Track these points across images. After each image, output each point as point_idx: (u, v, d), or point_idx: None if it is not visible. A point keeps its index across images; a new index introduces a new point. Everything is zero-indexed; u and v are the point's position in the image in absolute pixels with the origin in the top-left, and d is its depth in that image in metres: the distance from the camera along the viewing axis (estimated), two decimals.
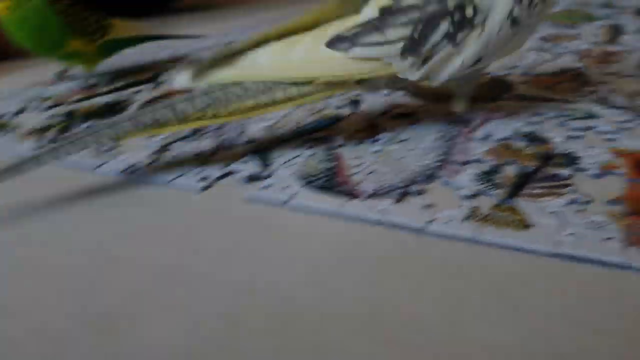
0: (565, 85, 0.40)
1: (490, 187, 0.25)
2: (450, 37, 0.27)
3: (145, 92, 0.47)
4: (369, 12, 0.28)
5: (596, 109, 0.34)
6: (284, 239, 0.23)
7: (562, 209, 0.23)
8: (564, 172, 0.26)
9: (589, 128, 0.32)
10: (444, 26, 0.27)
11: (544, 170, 0.26)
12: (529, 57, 0.49)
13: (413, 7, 0.27)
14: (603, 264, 0.20)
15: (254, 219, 0.25)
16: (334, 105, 0.38)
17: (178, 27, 0.80)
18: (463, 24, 0.27)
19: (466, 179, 0.26)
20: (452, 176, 0.26)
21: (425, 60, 0.27)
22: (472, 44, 0.27)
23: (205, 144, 0.34)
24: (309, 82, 0.28)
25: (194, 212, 0.26)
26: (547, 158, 0.28)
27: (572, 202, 0.24)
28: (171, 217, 0.26)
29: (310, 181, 0.27)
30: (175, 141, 0.34)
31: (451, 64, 0.28)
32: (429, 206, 0.24)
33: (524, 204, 0.24)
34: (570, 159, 0.27)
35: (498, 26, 0.27)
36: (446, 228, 0.22)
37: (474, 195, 0.25)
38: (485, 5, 0.27)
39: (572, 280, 0.19)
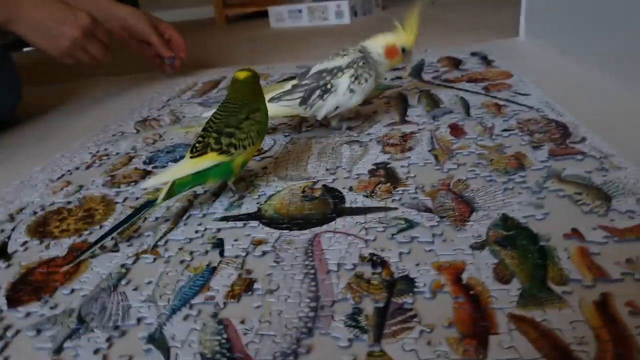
0: (382, 188, 0.49)
1: (359, 332, 0.31)
2: (320, 96, 0.60)
3: None
4: (287, 86, 0.61)
5: (412, 215, 0.43)
6: None
7: (415, 346, 0.30)
8: (408, 300, 0.33)
9: (413, 239, 0.40)
10: (318, 92, 0.60)
11: (392, 301, 0.33)
12: (343, 154, 0.57)
13: (304, 85, 0.60)
14: None
15: None
16: (201, 251, 0.41)
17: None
18: (326, 91, 0.60)
19: (339, 325, 0.32)
20: (327, 326, 0.32)
21: (310, 107, 0.60)
22: (331, 100, 0.60)
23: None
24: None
25: None
26: (392, 286, 0.35)
27: (421, 333, 0.31)
28: None
29: None
30: None
31: (323, 108, 0.61)
32: None
33: (389, 347, 0.30)
34: (408, 283, 0.35)
35: (342, 93, 0.60)
36: None
37: (349, 344, 0.30)
38: (336, 84, 0.60)
39: None
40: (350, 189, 0.49)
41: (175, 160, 0.60)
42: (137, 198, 0.52)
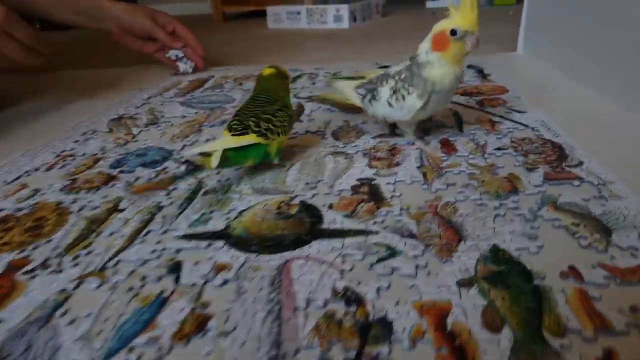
0: (365, 207, 0.44)
1: None
2: (369, 101, 0.56)
3: None
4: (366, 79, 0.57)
5: (395, 240, 0.38)
6: None
7: None
8: (383, 349, 0.29)
9: (394, 270, 0.35)
10: (369, 96, 0.56)
11: (365, 351, 0.29)
12: (327, 167, 0.52)
13: (370, 83, 0.56)
14: None
15: None
16: (154, 277, 0.36)
17: None
18: (373, 97, 0.56)
19: None
20: None
21: (367, 108, 0.58)
22: (377, 108, 0.56)
23: None
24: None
25: None
26: (366, 330, 0.30)
27: None
28: None
29: None
30: None
31: (375, 114, 0.57)
32: None
33: None
34: (385, 328, 0.30)
35: (382, 104, 0.55)
36: None
37: None
38: (380, 93, 0.55)
39: None
40: (330, 206, 0.44)
41: (145, 165, 0.56)
42: (94, 207, 0.47)
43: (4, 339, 0.31)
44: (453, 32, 0.47)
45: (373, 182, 0.48)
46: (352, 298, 0.33)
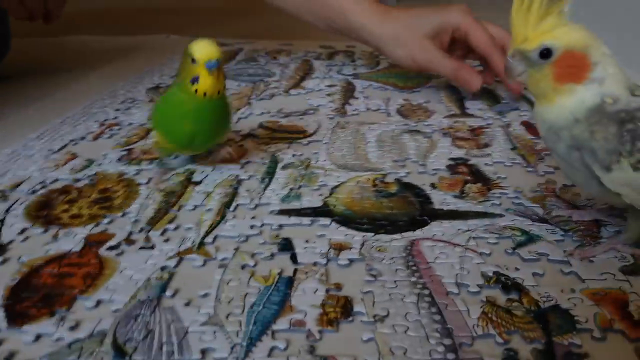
0: (473, 188, 0.40)
1: None
2: None
3: None
4: None
5: (526, 224, 0.35)
6: None
7: None
8: (575, 341, 0.25)
9: (541, 256, 0.31)
10: None
11: (554, 342, 0.25)
12: (408, 145, 0.48)
13: None
14: None
15: None
16: (265, 254, 0.32)
17: None
18: None
19: None
20: None
21: None
22: None
23: None
24: None
25: None
26: (544, 320, 0.26)
27: None
28: None
29: None
30: None
31: None
32: None
33: None
34: (565, 317, 0.26)
35: None
36: None
37: None
38: None
39: None
40: (434, 186, 0.40)
41: None
42: (164, 180, 0.42)
43: (115, 322, 0.26)
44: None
45: (469, 163, 0.44)
46: (508, 285, 0.29)
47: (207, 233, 0.34)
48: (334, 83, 0.69)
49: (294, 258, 0.31)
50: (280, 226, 0.35)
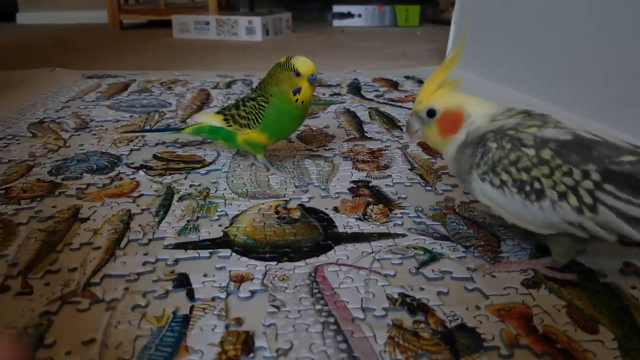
0: (375, 209, 0.40)
1: None
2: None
3: None
4: None
5: (428, 243, 0.35)
6: None
7: None
8: (482, 358, 0.25)
9: (445, 274, 0.31)
10: None
11: None
12: (308, 168, 0.47)
13: None
14: None
15: None
16: (159, 292, 0.29)
17: None
18: None
19: None
20: None
21: None
22: None
23: None
24: None
25: None
26: (450, 340, 0.26)
27: None
28: None
29: None
30: None
31: None
32: None
33: None
34: (470, 336, 0.26)
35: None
36: None
37: None
38: None
39: None
40: (337, 209, 0.40)
41: (91, 170, 0.47)
42: (48, 217, 0.38)
43: None
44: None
45: (371, 184, 0.44)
46: (414, 306, 0.28)
47: (94, 273, 0.31)
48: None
49: (190, 294, 0.29)
50: (176, 261, 0.32)
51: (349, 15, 1.72)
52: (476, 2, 0.91)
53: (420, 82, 0.85)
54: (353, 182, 0.45)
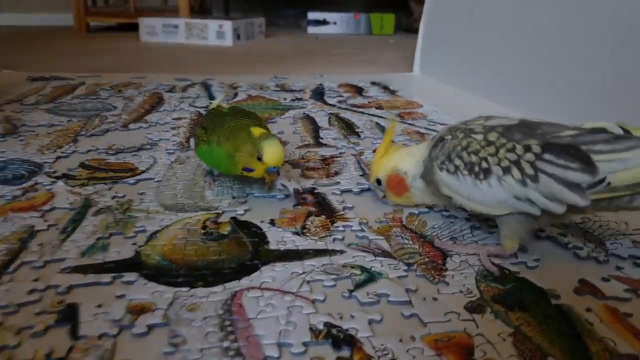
0: (316, 222, 0.36)
1: None
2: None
3: None
4: None
5: (368, 260, 0.31)
6: None
7: None
8: None
9: (380, 297, 0.27)
10: None
11: None
12: (250, 179, 0.43)
13: None
14: None
15: None
16: (38, 329, 0.24)
17: None
18: None
19: None
20: None
21: None
22: None
23: None
24: None
25: None
26: None
27: None
28: None
29: None
30: None
31: None
32: None
33: None
34: None
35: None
36: None
37: None
38: None
39: None
40: (273, 222, 0.35)
41: (5, 180, 0.42)
42: None
43: None
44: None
45: (316, 191, 0.40)
46: (340, 338, 0.24)
47: None
48: (183, 116, 0.63)
49: (74, 331, 0.24)
50: (69, 288, 0.28)
51: (324, 22, 1.69)
52: (442, 13, 0.91)
53: (386, 88, 0.82)
54: (296, 189, 0.40)
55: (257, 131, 0.37)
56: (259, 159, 0.36)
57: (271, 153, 0.36)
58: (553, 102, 0.60)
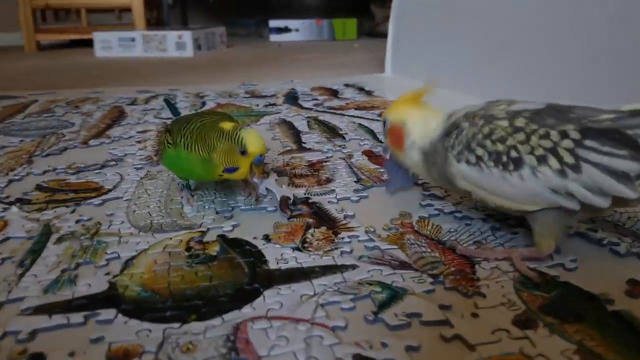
0: (317, 234, 0.31)
1: None
2: None
3: None
4: None
5: (386, 274, 0.26)
6: None
7: None
8: None
9: (412, 318, 0.23)
10: None
11: None
12: (233, 189, 0.38)
13: None
14: None
15: None
16: None
17: None
18: None
19: None
20: None
21: None
22: None
23: None
24: None
25: None
26: None
27: None
28: None
29: None
30: None
31: None
32: None
33: None
34: None
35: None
36: None
37: None
38: None
39: None
40: (268, 238, 0.31)
41: None
42: None
43: None
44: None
45: (310, 201, 0.36)
46: None
47: None
48: (149, 128, 0.58)
49: None
50: (33, 334, 0.22)
51: (286, 29, 1.67)
52: (410, 14, 0.91)
53: (361, 89, 0.79)
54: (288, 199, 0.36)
55: (227, 125, 0.33)
56: (243, 152, 0.32)
57: (253, 140, 0.32)
58: (527, 94, 0.60)
